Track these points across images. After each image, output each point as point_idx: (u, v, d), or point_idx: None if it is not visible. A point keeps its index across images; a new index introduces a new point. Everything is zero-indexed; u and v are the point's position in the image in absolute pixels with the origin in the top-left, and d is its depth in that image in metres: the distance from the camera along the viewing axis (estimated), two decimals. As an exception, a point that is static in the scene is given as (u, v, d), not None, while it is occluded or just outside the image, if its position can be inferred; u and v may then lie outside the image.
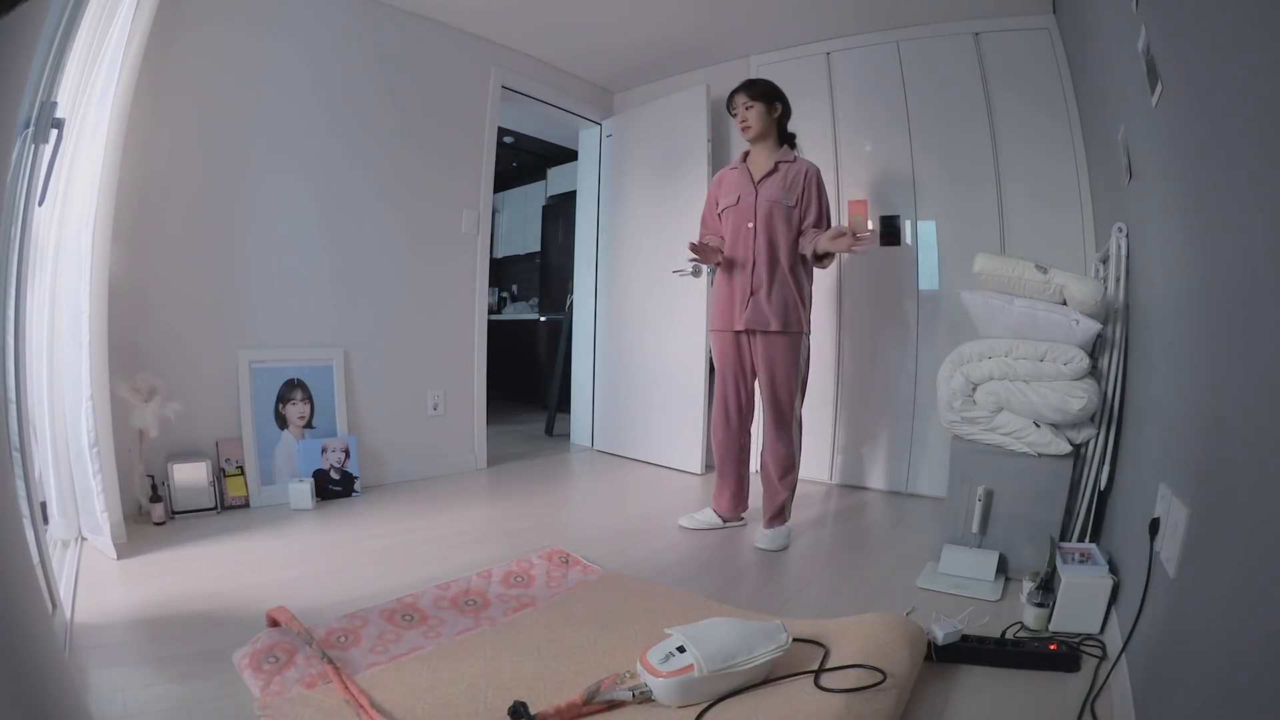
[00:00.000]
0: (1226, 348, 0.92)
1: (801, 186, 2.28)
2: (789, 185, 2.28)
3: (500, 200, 6.49)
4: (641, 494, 3.03)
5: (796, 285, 2.29)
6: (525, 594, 1.77)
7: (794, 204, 2.27)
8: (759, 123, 2.31)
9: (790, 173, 2.30)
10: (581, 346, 4.14)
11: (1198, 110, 1.03)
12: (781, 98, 2.35)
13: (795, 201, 2.27)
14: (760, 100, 2.30)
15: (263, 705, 1.18)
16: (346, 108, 2.81)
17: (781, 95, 2.35)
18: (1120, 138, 1.74)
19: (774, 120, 2.33)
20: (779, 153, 2.34)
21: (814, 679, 1.27)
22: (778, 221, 2.27)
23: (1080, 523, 1.87)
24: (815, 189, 2.29)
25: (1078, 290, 1.81)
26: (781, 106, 2.34)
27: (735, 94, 2.34)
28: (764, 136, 2.34)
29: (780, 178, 2.30)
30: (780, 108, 2.34)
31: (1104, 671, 1.37)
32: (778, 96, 2.33)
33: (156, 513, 2.22)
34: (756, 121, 2.31)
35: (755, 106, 2.30)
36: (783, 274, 2.28)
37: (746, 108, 2.31)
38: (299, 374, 2.71)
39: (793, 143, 2.41)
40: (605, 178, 3.96)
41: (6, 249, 1.34)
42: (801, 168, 2.30)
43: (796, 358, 2.30)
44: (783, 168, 2.31)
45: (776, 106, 2.33)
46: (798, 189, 2.28)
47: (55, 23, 1.25)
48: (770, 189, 2.30)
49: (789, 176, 2.29)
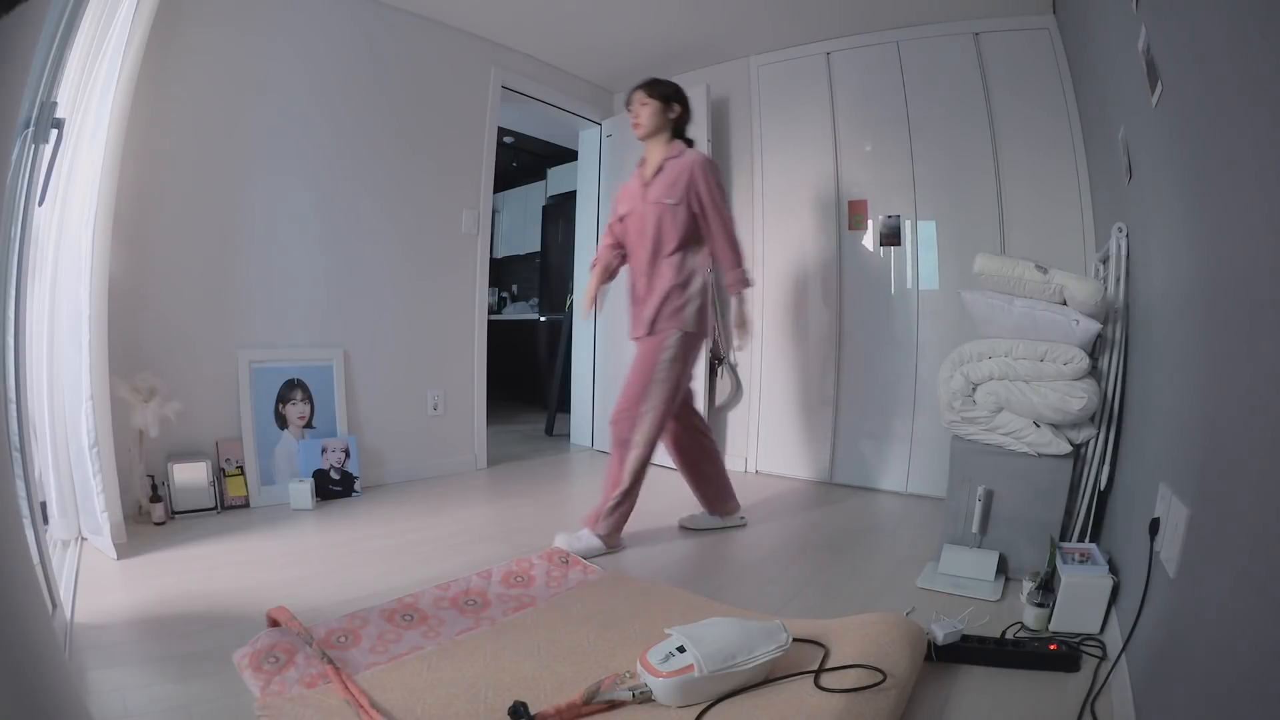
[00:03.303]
0: (1226, 348, 0.92)
1: (685, 182, 2.16)
2: (673, 183, 2.18)
3: (500, 200, 6.49)
4: (641, 494, 3.02)
5: (675, 284, 2.17)
6: (525, 594, 1.77)
7: (677, 201, 2.16)
8: (650, 121, 2.21)
9: (674, 170, 2.19)
10: (581, 346, 4.14)
11: (1198, 110, 1.03)
12: (682, 100, 2.26)
13: (679, 199, 2.16)
14: (657, 99, 2.21)
15: (263, 705, 1.18)
16: (346, 108, 2.81)
17: (683, 98, 2.27)
18: (1120, 138, 1.74)
19: (668, 121, 2.24)
20: (667, 150, 2.23)
21: (814, 679, 1.27)
22: (665, 224, 2.18)
23: (1080, 523, 1.87)
24: (700, 180, 2.16)
25: (1078, 290, 1.81)
26: (680, 109, 2.25)
27: (634, 90, 2.25)
28: (654, 135, 2.24)
29: (665, 177, 2.20)
30: (679, 110, 2.25)
31: (1104, 671, 1.37)
32: (678, 99, 2.25)
33: (156, 513, 2.22)
34: (648, 120, 2.21)
35: (650, 104, 2.21)
36: (662, 276, 2.19)
37: (641, 104, 2.22)
38: (299, 374, 2.71)
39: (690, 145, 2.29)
40: (605, 178, 3.96)
41: (6, 249, 1.34)
42: (685, 162, 2.19)
43: (653, 361, 2.17)
44: (668, 166, 2.21)
45: (674, 108, 2.24)
46: (680, 186, 2.17)
47: (55, 23, 1.25)
48: (656, 190, 2.21)
49: (672, 174, 2.19)
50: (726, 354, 3.56)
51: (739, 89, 3.53)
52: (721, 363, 3.51)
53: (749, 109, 3.50)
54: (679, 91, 2.26)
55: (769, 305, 3.46)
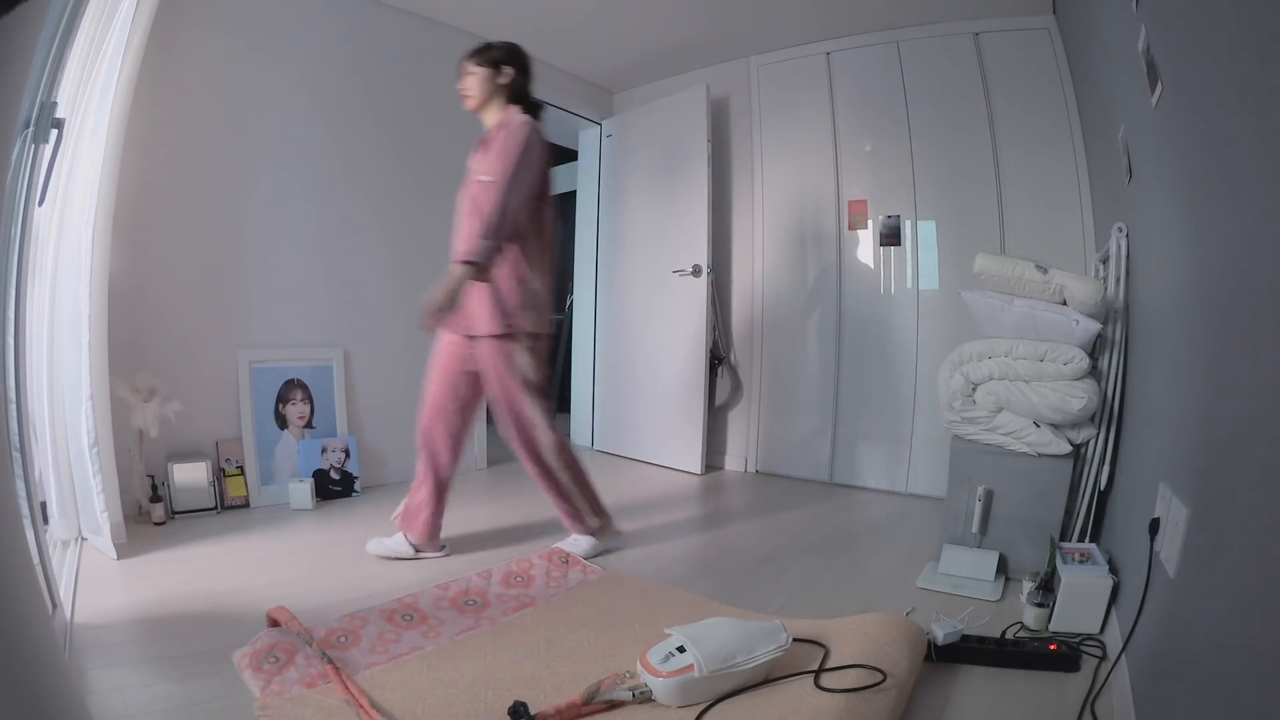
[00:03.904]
0: (1226, 348, 0.92)
1: (499, 153, 1.89)
2: (492, 154, 1.92)
3: (500, 200, 6.48)
4: (642, 494, 3.03)
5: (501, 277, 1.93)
6: (525, 594, 1.77)
7: (494, 178, 1.89)
8: (478, 90, 1.97)
9: (495, 142, 1.92)
10: (581, 346, 4.14)
11: (1198, 110, 1.03)
12: (516, 62, 1.99)
13: (495, 174, 1.89)
14: (485, 65, 1.96)
15: (263, 705, 1.18)
16: (346, 107, 2.81)
17: (517, 59, 2.00)
18: (1120, 138, 1.74)
19: (499, 87, 1.98)
20: (500, 119, 1.98)
21: (814, 679, 1.27)
22: (482, 202, 1.90)
23: (1080, 523, 1.87)
24: (502, 146, 1.89)
25: (1078, 290, 1.81)
26: (513, 71, 1.98)
27: (462, 60, 2.01)
28: (486, 105, 1.99)
29: (485, 148, 1.96)
30: (511, 73, 1.98)
31: (1104, 671, 1.37)
32: (510, 61, 1.98)
33: (156, 513, 2.22)
34: (476, 88, 1.97)
35: (477, 72, 1.96)
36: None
37: (468, 73, 1.98)
38: (299, 374, 2.71)
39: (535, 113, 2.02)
40: (605, 178, 3.96)
41: (6, 249, 1.34)
42: (509, 128, 1.92)
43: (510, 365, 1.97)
44: (493, 137, 1.95)
45: (504, 71, 1.97)
46: (496, 157, 1.89)
47: (55, 23, 1.25)
48: (477, 164, 1.97)
49: (494, 144, 1.93)
50: (727, 354, 3.57)
51: (739, 89, 3.53)
52: (721, 363, 3.51)
53: (749, 109, 3.49)
54: (511, 53, 2.00)
55: (769, 305, 3.46)
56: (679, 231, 3.43)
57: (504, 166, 1.86)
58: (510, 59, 1.99)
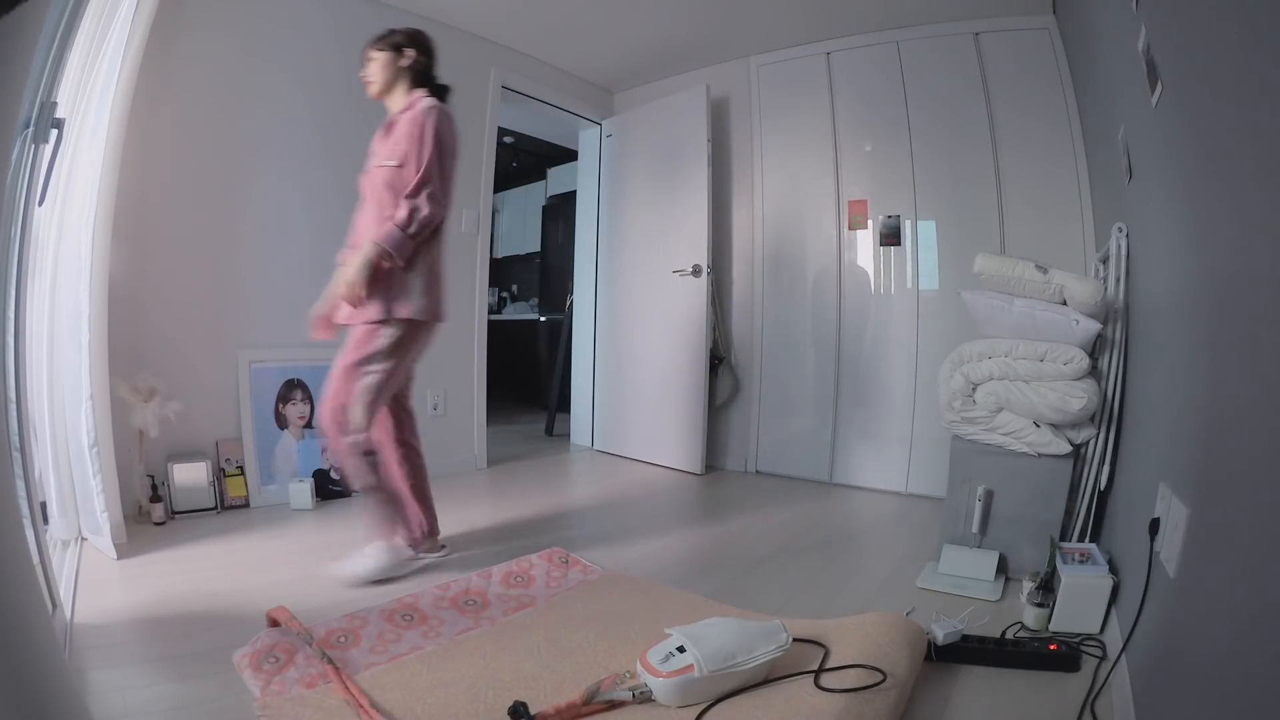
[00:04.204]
0: (1226, 348, 0.92)
1: (404, 136, 1.82)
2: (395, 139, 1.85)
3: (500, 200, 6.49)
4: (642, 494, 3.03)
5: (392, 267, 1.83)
6: (525, 594, 1.77)
7: (400, 163, 1.81)
8: (380, 74, 1.89)
9: (402, 123, 1.85)
10: (581, 346, 4.14)
11: (1198, 110, 1.03)
12: (418, 44, 1.92)
13: (401, 159, 1.81)
14: (387, 50, 1.89)
15: (263, 705, 1.18)
16: (346, 107, 2.80)
17: (419, 42, 1.93)
18: (1120, 138, 1.74)
19: (402, 70, 1.91)
20: (404, 103, 1.90)
21: (814, 679, 1.27)
22: (383, 191, 1.84)
23: (1080, 523, 1.87)
24: (417, 133, 1.80)
25: (1078, 290, 1.81)
26: (415, 53, 1.91)
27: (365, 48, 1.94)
28: (390, 90, 1.92)
29: (389, 132, 1.89)
30: (413, 55, 1.91)
31: (1104, 671, 1.37)
32: (412, 44, 1.91)
33: (156, 513, 2.22)
34: (378, 73, 1.90)
35: (378, 57, 1.89)
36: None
37: (369, 60, 1.91)
38: (299, 374, 2.71)
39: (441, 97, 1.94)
40: (605, 178, 3.96)
41: (6, 249, 1.33)
42: (411, 113, 1.84)
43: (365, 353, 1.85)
44: (398, 120, 1.88)
45: (406, 54, 1.90)
46: (401, 142, 1.82)
47: (55, 23, 1.25)
48: (380, 150, 1.89)
49: (398, 129, 1.86)
50: (726, 354, 3.57)
51: (739, 89, 3.53)
52: (721, 363, 3.51)
53: (749, 109, 3.50)
54: (414, 36, 1.93)
55: (769, 305, 3.46)
56: (679, 231, 3.43)
57: (416, 148, 1.79)
58: (412, 41, 1.92)
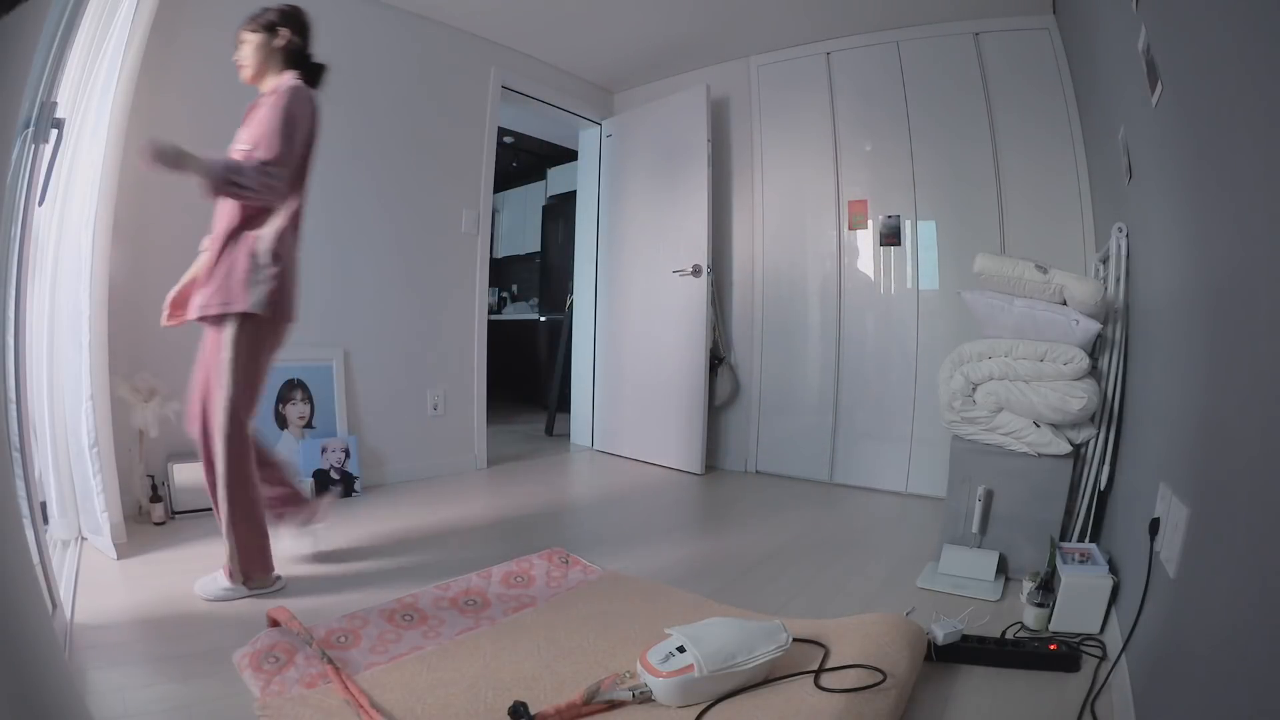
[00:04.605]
0: (1226, 348, 0.92)
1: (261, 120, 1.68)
2: (255, 122, 1.71)
3: (500, 200, 6.49)
4: (642, 494, 3.03)
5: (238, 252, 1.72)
6: (525, 594, 1.77)
7: (254, 147, 1.66)
8: (253, 57, 1.76)
9: (261, 106, 1.73)
10: (581, 346, 4.14)
11: (1198, 110, 1.03)
12: (292, 23, 1.79)
13: (255, 143, 1.67)
14: (260, 31, 1.76)
15: (263, 705, 1.18)
16: (345, 107, 2.80)
17: (293, 20, 1.79)
18: (1120, 138, 1.74)
19: (275, 51, 1.77)
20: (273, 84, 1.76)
21: (814, 679, 1.27)
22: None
23: (1080, 523, 1.87)
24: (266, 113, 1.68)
25: (1078, 290, 1.81)
26: (290, 33, 1.78)
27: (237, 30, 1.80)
28: (264, 74, 1.79)
29: (252, 114, 1.77)
30: (287, 34, 1.78)
31: (1104, 671, 1.37)
32: (286, 22, 1.78)
33: (156, 513, 2.22)
34: (250, 56, 1.76)
35: (251, 40, 1.76)
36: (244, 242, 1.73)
37: (242, 43, 1.77)
38: (299, 374, 2.71)
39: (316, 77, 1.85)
40: (605, 178, 3.96)
41: (6, 249, 1.33)
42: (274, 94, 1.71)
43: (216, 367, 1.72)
44: (261, 101, 1.75)
45: (281, 34, 1.77)
46: (257, 125, 1.69)
47: (55, 23, 1.25)
48: (242, 134, 1.75)
49: (257, 112, 1.73)
50: (726, 354, 3.57)
51: (739, 89, 3.53)
52: (721, 363, 3.51)
53: (749, 109, 3.50)
54: (288, 14, 1.80)
55: (769, 304, 3.46)
56: (679, 231, 3.43)
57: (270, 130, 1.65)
58: (286, 20, 1.79)
